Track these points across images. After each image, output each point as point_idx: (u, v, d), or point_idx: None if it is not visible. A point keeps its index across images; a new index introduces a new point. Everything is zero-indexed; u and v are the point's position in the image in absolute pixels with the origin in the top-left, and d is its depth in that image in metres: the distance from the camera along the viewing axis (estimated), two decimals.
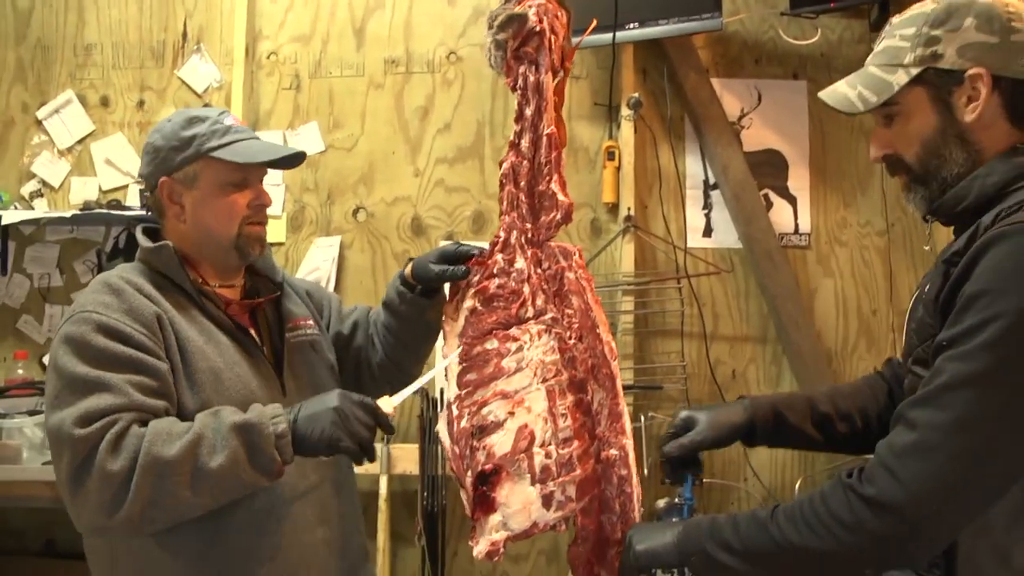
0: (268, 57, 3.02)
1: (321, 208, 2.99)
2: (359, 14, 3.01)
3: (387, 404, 1.41)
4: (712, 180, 2.91)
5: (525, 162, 1.47)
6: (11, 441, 2.50)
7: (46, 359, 2.82)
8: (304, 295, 1.75)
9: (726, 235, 2.91)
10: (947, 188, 1.28)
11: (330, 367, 1.69)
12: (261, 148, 1.55)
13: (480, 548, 1.38)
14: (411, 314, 1.65)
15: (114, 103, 3.06)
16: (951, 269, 1.17)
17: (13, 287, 3.05)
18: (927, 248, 2.79)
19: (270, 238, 2.93)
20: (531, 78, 1.44)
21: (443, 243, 1.57)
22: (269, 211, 2.87)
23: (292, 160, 1.61)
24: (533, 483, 1.39)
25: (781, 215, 2.89)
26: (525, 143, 1.46)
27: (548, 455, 1.40)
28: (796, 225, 2.90)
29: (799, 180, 2.90)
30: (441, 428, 1.44)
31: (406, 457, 2.76)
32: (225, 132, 1.52)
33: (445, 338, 1.50)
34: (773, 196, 2.90)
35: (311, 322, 1.69)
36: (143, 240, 1.54)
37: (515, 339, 1.44)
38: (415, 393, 2.75)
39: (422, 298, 1.63)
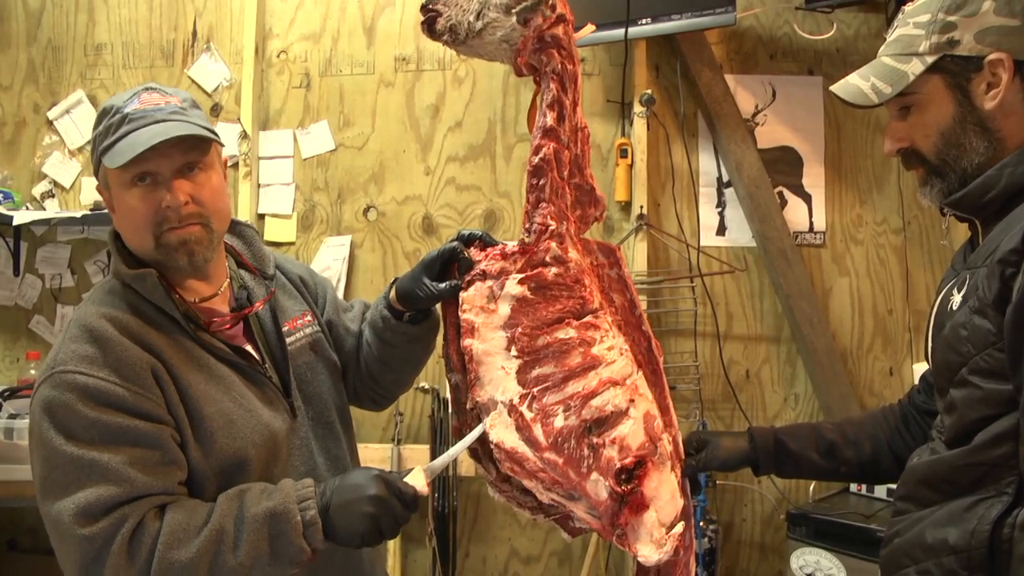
0: (278, 55, 3.01)
1: (331, 207, 2.98)
2: (369, 12, 2.99)
3: (420, 479, 1.25)
4: (726, 178, 2.88)
5: (565, 151, 1.35)
6: (22, 442, 2.50)
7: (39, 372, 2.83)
8: (298, 281, 1.56)
9: (740, 233, 2.87)
10: (967, 179, 1.23)
11: (332, 366, 1.53)
12: (147, 137, 1.24)
13: (654, 550, 1.22)
14: (396, 341, 1.49)
15: None
16: (1008, 270, 1.11)
17: (25, 288, 3.05)
18: (944, 243, 2.78)
19: (282, 238, 2.96)
20: (569, 67, 1.34)
21: (425, 256, 1.41)
22: (280, 210, 2.98)
23: (197, 139, 1.28)
24: (672, 468, 1.30)
25: (796, 213, 2.85)
26: (564, 132, 1.34)
27: (669, 441, 1.33)
28: (811, 223, 2.86)
29: (814, 178, 2.87)
30: (506, 435, 1.23)
31: (416, 458, 2.75)
32: (120, 124, 1.26)
33: (472, 333, 1.28)
34: (788, 194, 2.86)
35: (309, 318, 1.51)
36: (119, 260, 1.33)
37: (596, 327, 1.30)
38: (424, 392, 2.79)
39: (410, 325, 1.47)
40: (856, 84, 1.30)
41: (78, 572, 1.17)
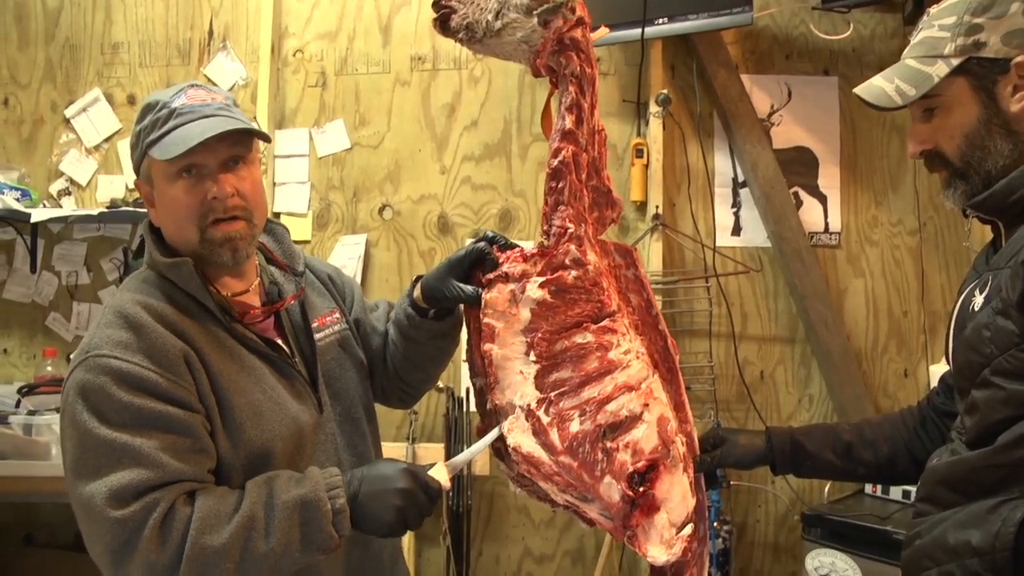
0: (294, 54, 3.02)
1: (347, 206, 2.99)
2: (385, 11, 3.00)
3: (443, 474, 1.28)
4: (741, 178, 2.87)
5: (583, 154, 1.35)
6: (40, 438, 2.52)
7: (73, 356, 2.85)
8: (327, 280, 1.59)
9: (755, 234, 2.87)
10: (991, 181, 1.24)
11: (359, 364, 1.54)
12: (199, 131, 1.26)
13: (663, 551, 1.26)
14: (421, 338, 1.50)
15: (141, 101, 3.07)
16: None
17: (42, 285, 3.07)
18: (966, 244, 2.76)
19: (298, 236, 2.96)
20: (588, 70, 1.34)
21: (452, 255, 1.42)
22: (296, 209, 2.98)
23: (243, 135, 1.32)
24: (684, 471, 1.33)
25: (811, 214, 2.85)
26: (583, 135, 1.34)
27: (682, 442, 1.36)
28: (826, 224, 2.85)
29: (830, 178, 2.86)
30: (523, 439, 1.25)
31: (431, 457, 2.75)
32: (168, 119, 1.28)
33: (492, 337, 1.29)
34: (803, 194, 2.86)
35: (337, 315, 1.53)
36: (156, 250, 1.34)
37: (614, 331, 1.32)
38: (439, 391, 2.79)
39: (435, 322, 1.48)
40: (880, 86, 1.30)
41: (109, 555, 1.17)
